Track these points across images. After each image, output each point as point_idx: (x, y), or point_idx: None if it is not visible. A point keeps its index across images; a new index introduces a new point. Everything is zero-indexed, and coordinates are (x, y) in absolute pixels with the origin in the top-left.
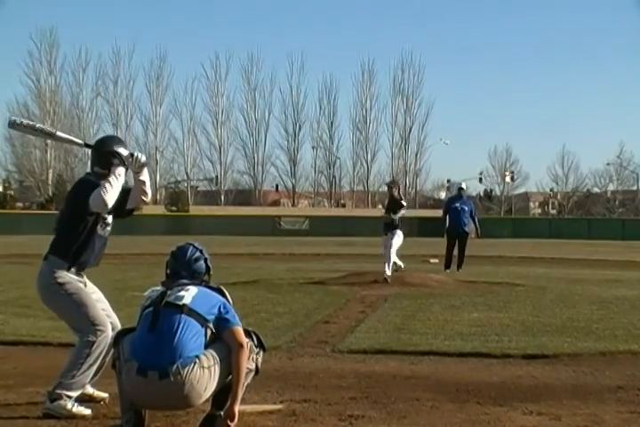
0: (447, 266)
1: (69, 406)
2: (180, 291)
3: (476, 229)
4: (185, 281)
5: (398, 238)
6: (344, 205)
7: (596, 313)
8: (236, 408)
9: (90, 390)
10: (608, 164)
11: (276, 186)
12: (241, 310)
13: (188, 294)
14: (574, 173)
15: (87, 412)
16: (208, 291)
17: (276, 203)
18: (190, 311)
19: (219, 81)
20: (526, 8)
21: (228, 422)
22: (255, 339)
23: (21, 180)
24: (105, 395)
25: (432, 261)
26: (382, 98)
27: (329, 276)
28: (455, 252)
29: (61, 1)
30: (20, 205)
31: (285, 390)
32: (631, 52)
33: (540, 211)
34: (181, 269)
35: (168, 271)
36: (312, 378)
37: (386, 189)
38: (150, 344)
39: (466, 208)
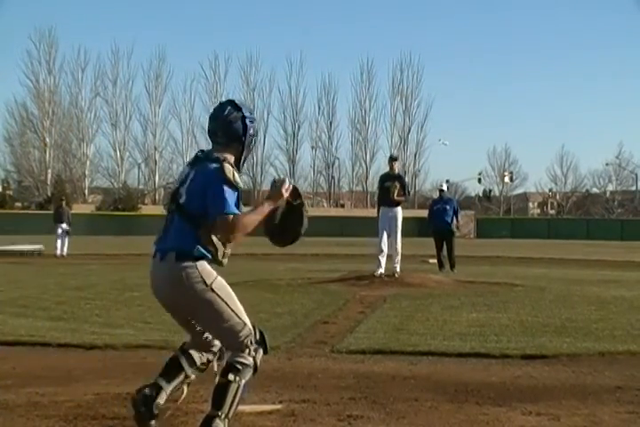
0: (440, 266)
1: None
2: (182, 185)
3: (457, 223)
4: (211, 165)
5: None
6: (343, 206)
7: (594, 313)
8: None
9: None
10: (607, 164)
11: None
12: None
13: (185, 190)
14: (573, 174)
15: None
16: (207, 177)
17: None
18: (183, 210)
19: (217, 81)
20: (525, 9)
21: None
22: (258, 335)
23: (20, 180)
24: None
25: (431, 261)
26: (381, 98)
27: (328, 276)
28: (445, 252)
29: (60, 1)
30: (18, 205)
31: (284, 390)
32: (631, 52)
33: (538, 211)
34: (218, 129)
35: (208, 132)
36: (311, 378)
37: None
38: (160, 237)
39: (447, 207)
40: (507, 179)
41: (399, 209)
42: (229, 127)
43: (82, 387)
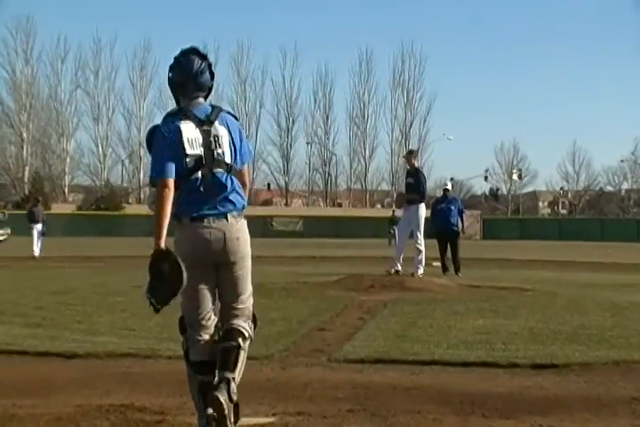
0: (444, 269)
1: None
2: (217, 146)
3: (462, 227)
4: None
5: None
6: (340, 205)
7: (609, 320)
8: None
9: None
10: (622, 161)
11: (268, 184)
12: None
13: (229, 149)
14: (586, 171)
15: None
16: (240, 132)
17: (267, 202)
18: (232, 168)
19: None
20: None
21: None
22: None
23: None
24: None
25: (434, 264)
26: (381, 90)
27: (325, 280)
28: (449, 254)
29: None
30: None
31: (278, 401)
32: None
33: (549, 211)
34: (189, 81)
35: (175, 84)
36: (307, 389)
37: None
38: (211, 203)
39: (452, 207)
40: (515, 176)
41: (422, 204)
42: (200, 78)
43: (62, 398)
